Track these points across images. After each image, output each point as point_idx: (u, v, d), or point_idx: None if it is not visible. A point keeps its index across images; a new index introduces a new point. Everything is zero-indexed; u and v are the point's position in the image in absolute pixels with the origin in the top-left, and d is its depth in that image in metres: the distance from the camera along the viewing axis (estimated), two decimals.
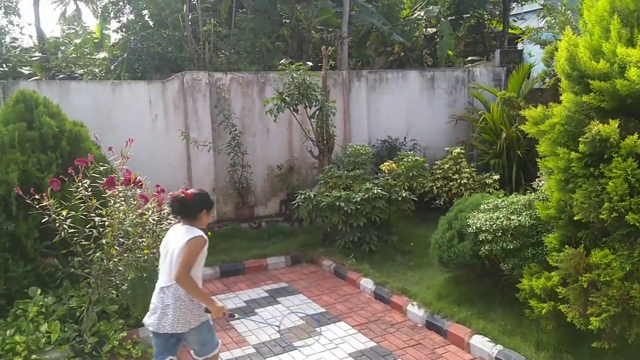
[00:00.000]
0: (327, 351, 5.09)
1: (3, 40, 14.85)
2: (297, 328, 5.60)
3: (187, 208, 3.83)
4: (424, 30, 13.97)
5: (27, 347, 4.76)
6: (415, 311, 5.70)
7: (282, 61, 7.88)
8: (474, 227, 5.21)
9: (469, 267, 5.65)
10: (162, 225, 5.21)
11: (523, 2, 14.38)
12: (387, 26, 12.07)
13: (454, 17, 13.96)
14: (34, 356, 4.72)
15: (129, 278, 5.07)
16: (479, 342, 4.89)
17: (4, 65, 15.20)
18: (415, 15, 13.66)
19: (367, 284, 6.51)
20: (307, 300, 6.36)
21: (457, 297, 5.67)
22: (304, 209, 7.47)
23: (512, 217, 5.00)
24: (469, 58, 15.42)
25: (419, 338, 5.32)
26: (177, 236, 3.81)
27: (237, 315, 5.25)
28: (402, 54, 13.98)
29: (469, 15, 14.24)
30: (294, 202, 7.69)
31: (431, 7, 13.12)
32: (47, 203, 4.88)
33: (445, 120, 10.32)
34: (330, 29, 12.83)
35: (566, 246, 4.18)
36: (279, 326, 5.57)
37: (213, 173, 8.59)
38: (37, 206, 4.88)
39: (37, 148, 5.95)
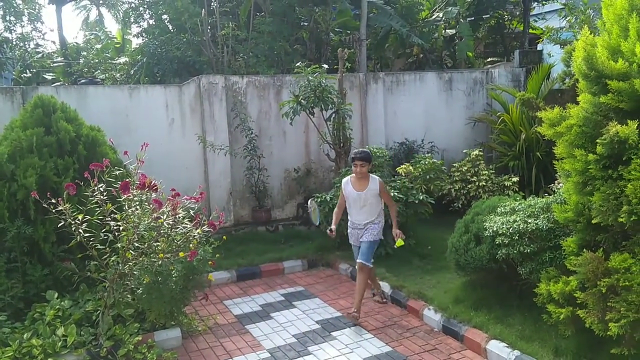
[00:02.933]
0: (342, 356, 5.06)
1: (27, 47, 15.16)
2: (312, 332, 5.57)
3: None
4: (443, 31, 13.85)
5: (44, 350, 4.82)
6: (432, 315, 5.63)
7: (299, 64, 7.87)
8: (491, 231, 5.13)
9: (486, 271, 5.57)
10: (177, 229, 5.23)
11: (544, 2, 14.17)
12: (405, 28, 12.01)
13: (473, 18, 13.83)
14: (50, 359, 4.77)
15: (144, 282, 5.08)
16: (496, 347, 4.81)
17: (28, 71, 15.52)
18: (434, 16, 13.56)
19: (383, 287, 6.45)
20: (323, 304, 6.32)
21: (474, 302, 5.58)
22: (320, 212, 7.43)
23: (530, 221, 4.91)
24: (489, 59, 15.25)
25: (435, 343, 5.25)
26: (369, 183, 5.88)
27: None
28: (421, 55, 13.90)
29: (488, 15, 14.08)
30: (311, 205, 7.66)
31: (450, 8, 13.00)
32: (63, 207, 4.93)
33: (463, 122, 10.21)
34: (349, 32, 12.80)
35: (584, 250, 4.08)
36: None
37: (230, 176, 8.61)
38: (54, 210, 4.94)
39: (55, 153, 6.01)
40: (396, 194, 7.11)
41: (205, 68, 10.85)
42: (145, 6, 12.74)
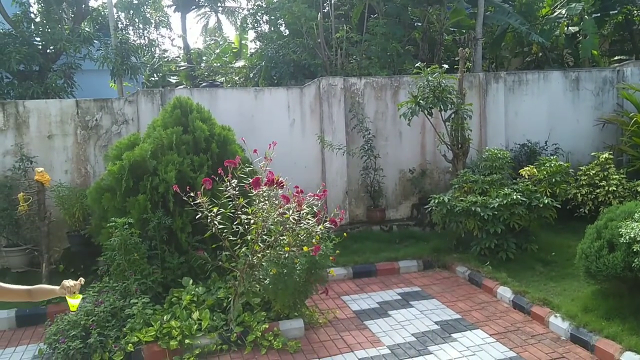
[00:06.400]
0: (463, 358, 5.00)
1: (154, 52, 16.34)
2: (431, 332, 5.56)
3: None
4: (565, 29, 13.17)
5: (182, 332, 5.21)
6: (559, 323, 5.41)
7: (418, 64, 7.85)
8: (627, 237, 4.86)
9: (619, 280, 5.27)
10: (301, 225, 5.43)
11: None
12: (524, 26, 11.57)
13: (598, 14, 13.01)
14: (187, 340, 5.15)
15: (271, 273, 5.33)
16: (632, 359, 4.53)
17: (155, 75, 16.73)
18: (555, 13, 12.93)
19: (505, 292, 6.29)
20: (441, 305, 6.27)
21: (606, 311, 5.29)
22: (437, 214, 7.38)
23: None
24: (616, 57, 14.29)
25: (563, 351, 5.04)
26: None
27: None
28: (541, 54, 13.32)
29: (616, 11, 13.18)
30: (427, 206, 7.61)
31: (574, 4, 12.32)
32: (200, 200, 5.30)
33: (591, 123, 9.69)
34: (463, 31, 12.55)
35: None
36: None
37: (346, 176, 8.78)
38: (192, 203, 5.31)
39: (191, 150, 6.49)
40: (519, 196, 6.90)
41: (319, 70, 11.13)
42: (263, 12, 13.28)
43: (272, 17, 12.85)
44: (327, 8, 11.75)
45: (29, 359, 5.34)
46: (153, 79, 16.73)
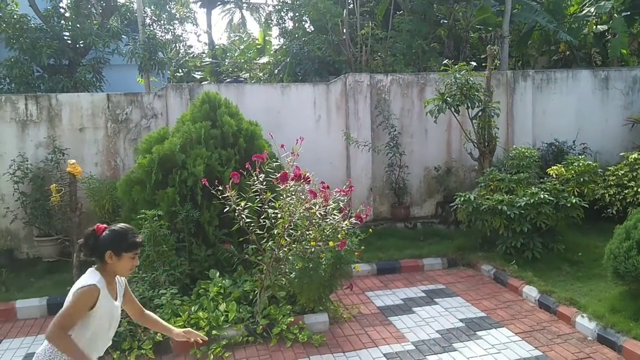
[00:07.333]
0: (489, 355, 4.99)
1: (179, 48, 16.52)
2: (456, 330, 5.56)
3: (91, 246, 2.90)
4: (594, 27, 12.97)
5: (209, 323, 5.29)
6: (585, 323, 5.37)
7: (445, 62, 7.83)
8: None
9: None
10: (327, 220, 5.47)
11: None
12: (552, 24, 11.44)
13: (628, 13, 12.78)
14: (214, 332, 5.23)
15: (297, 267, 5.38)
16: None
17: (180, 70, 16.92)
18: (584, 11, 12.73)
19: (530, 291, 6.25)
20: (466, 303, 6.26)
21: (634, 312, 5.25)
22: (462, 212, 7.36)
23: None
24: None
25: (590, 352, 5.01)
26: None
27: None
28: (568, 53, 13.13)
29: None
30: (452, 204, 7.59)
31: (603, 2, 12.12)
32: (228, 194, 5.35)
33: (620, 123, 9.57)
34: (490, 28, 12.45)
35: None
36: None
37: (371, 172, 8.80)
38: (221, 197, 5.37)
39: (219, 144, 6.56)
40: (546, 195, 6.85)
41: (344, 67, 11.14)
42: (288, 9, 13.32)
43: (297, 14, 12.88)
44: (352, 4, 11.74)
45: None
46: (178, 74, 16.94)
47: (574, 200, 6.89)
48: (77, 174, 6.89)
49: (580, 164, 7.37)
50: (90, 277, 2.85)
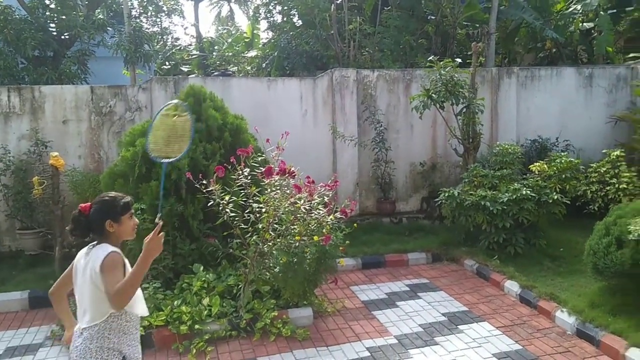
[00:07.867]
0: (470, 349, 5.05)
1: (166, 40, 16.41)
2: (438, 324, 5.61)
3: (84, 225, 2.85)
4: (580, 24, 13.08)
5: (192, 317, 5.30)
6: (565, 318, 5.45)
7: (430, 58, 7.86)
8: (636, 234, 4.89)
9: (627, 277, 5.29)
10: (312, 215, 5.48)
11: None
12: (539, 21, 11.51)
13: (614, 11, 12.90)
14: (197, 326, 5.24)
15: (281, 262, 5.39)
16: (637, 356, 4.57)
17: (167, 63, 16.81)
18: (570, 9, 12.83)
19: (512, 286, 6.33)
20: (449, 297, 6.32)
21: (613, 308, 5.33)
22: (446, 207, 7.41)
23: None
24: (631, 55, 14.13)
25: (569, 346, 5.08)
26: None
27: None
28: (554, 50, 13.24)
29: (632, 8, 13.06)
30: (437, 199, 7.64)
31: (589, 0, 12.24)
32: (213, 188, 5.35)
33: (603, 120, 9.67)
34: (477, 25, 12.50)
35: None
36: None
37: (357, 167, 8.82)
38: (204, 191, 5.37)
39: (204, 138, 6.54)
40: (528, 192, 6.92)
41: (332, 62, 11.13)
42: (276, 2, 13.27)
43: (285, 8, 12.85)
44: None
45: (42, 340, 5.44)
46: (165, 67, 16.83)
47: (555, 197, 6.96)
48: (60, 166, 6.85)
49: (563, 161, 7.44)
50: (103, 249, 2.75)
